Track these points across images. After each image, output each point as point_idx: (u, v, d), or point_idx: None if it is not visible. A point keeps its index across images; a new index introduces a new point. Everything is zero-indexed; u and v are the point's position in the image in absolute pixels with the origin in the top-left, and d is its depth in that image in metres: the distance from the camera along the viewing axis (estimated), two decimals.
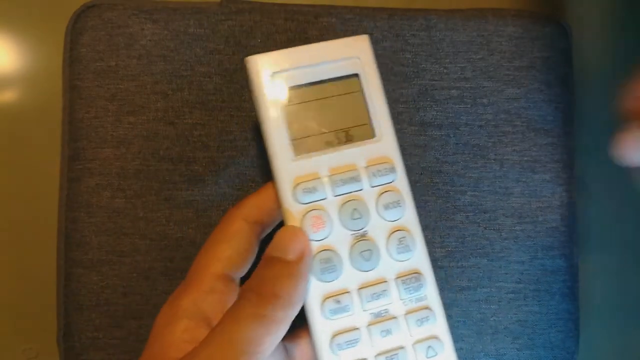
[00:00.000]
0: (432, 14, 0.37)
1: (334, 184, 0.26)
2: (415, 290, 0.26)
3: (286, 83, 0.26)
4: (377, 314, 0.26)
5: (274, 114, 0.26)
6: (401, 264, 0.26)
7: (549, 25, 0.38)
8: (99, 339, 0.34)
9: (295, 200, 0.26)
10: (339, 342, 0.25)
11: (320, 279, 0.25)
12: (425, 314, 0.26)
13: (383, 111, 0.27)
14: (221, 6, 0.36)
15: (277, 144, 0.26)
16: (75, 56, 0.36)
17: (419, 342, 0.26)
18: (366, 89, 0.27)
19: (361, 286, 0.26)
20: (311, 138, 0.26)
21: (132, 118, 0.35)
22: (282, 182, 0.26)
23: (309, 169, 0.26)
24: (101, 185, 0.35)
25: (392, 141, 0.27)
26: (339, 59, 0.27)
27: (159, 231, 0.34)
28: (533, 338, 0.36)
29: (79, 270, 0.34)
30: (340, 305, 0.25)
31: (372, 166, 0.26)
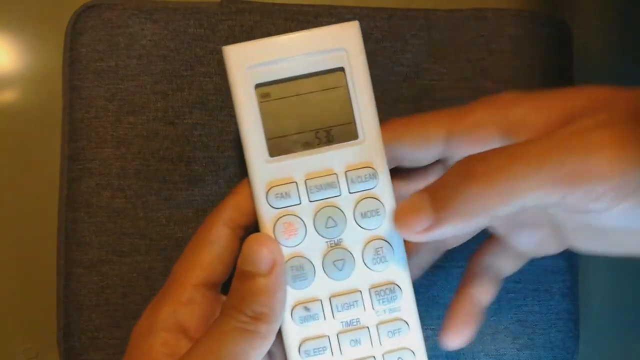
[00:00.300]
0: (432, 14, 0.37)
1: (309, 189, 0.25)
2: (389, 301, 0.25)
3: (264, 77, 0.24)
4: (348, 322, 0.25)
5: (250, 111, 0.24)
6: (376, 274, 0.25)
7: (549, 25, 0.38)
8: (99, 339, 0.34)
9: (268, 204, 0.25)
10: (307, 348, 0.25)
11: (291, 286, 0.25)
12: (398, 325, 0.26)
13: (369, 110, 0.25)
14: (221, 6, 0.36)
15: (252, 143, 0.25)
16: (75, 56, 0.36)
17: (389, 353, 0.26)
18: (352, 84, 0.25)
19: (333, 295, 0.25)
20: (288, 138, 0.25)
21: (132, 118, 0.35)
22: (255, 184, 0.25)
23: (284, 173, 0.25)
24: (101, 185, 0.35)
25: (376, 143, 0.25)
26: (323, 50, 0.25)
27: (159, 231, 0.34)
28: (533, 338, 0.36)
29: (79, 270, 0.34)
30: (310, 313, 0.25)
31: (351, 171, 0.25)
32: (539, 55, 0.38)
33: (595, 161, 0.19)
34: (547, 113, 0.22)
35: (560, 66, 0.38)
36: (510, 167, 0.20)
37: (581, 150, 0.19)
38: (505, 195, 0.20)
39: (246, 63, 0.24)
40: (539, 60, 0.38)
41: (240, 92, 0.24)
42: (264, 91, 0.25)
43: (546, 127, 0.22)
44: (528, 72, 0.37)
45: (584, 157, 0.19)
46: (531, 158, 0.20)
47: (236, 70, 0.24)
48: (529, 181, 0.19)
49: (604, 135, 0.19)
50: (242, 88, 0.24)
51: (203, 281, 0.26)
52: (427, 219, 0.22)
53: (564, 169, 0.19)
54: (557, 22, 0.39)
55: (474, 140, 0.24)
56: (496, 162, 0.20)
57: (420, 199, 0.22)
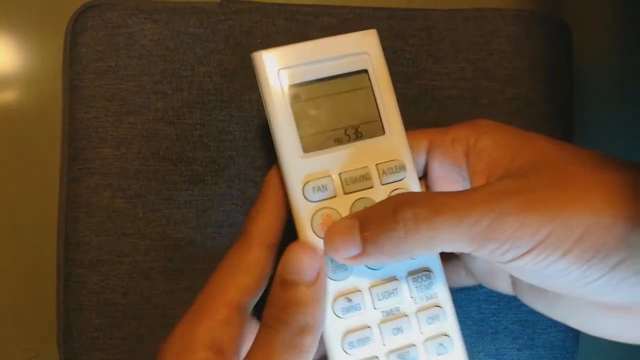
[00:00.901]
0: (432, 14, 0.37)
1: (344, 182, 0.26)
2: (426, 288, 0.26)
3: (294, 79, 0.26)
4: (389, 312, 0.26)
5: (282, 112, 0.26)
6: (411, 262, 0.26)
7: (549, 25, 0.38)
8: (98, 339, 0.34)
9: (304, 198, 0.25)
10: (351, 340, 0.25)
11: (331, 277, 0.25)
12: (436, 311, 0.26)
13: (392, 107, 0.27)
14: (221, 6, 0.36)
15: (286, 141, 0.26)
16: (75, 56, 0.36)
17: (430, 340, 0.26)
18: (375, 84, 0.27)
19: (372, 285, 0.26)
20: (320, 135, 0.26)
21: (132, 118, 0.35)
22: (291, 180, 0.26)
23: (319, 167, 0.26)
24: (101, 185, 0.34)
25: (402, 138, 0.27)
26: (347, 54, 0.27)
27: (158, 231, 0.34)
28: (533, 338, 0.36)
29: (78, 271, 0.34)
30: (352, 304, 0.25)
31: (382, 164, 0.26)
32: (539, 55, 0.38)
33: (503, 225, 0.21)
34: (499, 155, 0.25)
35: (560, 66, 0.38)
36: (434, 219, 0.22)
37: (496, 212, 0.21)
38: (425, 244, 0.22)
39: (276, 67, 0.26)
40: (539, 60, 0.38)
41: (272, 94, 0.26)
42: (295, 92, 0.26)
43: (491, 168, 0.25)
44: (528, 72, 0.37)
45: (496, 220, 0.21)
46: (453, 212, 0.22)
47: (267, 74, 0.26)
48: (447, 234, 0.22)
49: (517, 201, 0.22)
50: (274, 90, 0.26)
51: (238, 302, 0.26)
52: (355, 249, 0.24)
53: (479, 227, 0.22)
54: (557, 22, 0.39)
55: (444, 153, 0.27)
56: (422, 210, 0.22)
57: (350, 226, 0.24)
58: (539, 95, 0.37)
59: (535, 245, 0.21)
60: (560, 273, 0.22)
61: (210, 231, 0.35)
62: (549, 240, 0.21)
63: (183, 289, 0.34)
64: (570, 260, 0.21)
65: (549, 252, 0.21)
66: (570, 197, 0.22)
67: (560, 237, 0.21)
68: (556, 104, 0.38)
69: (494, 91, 0.37)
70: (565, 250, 0.21)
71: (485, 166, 0.25)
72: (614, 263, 0.21)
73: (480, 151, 0.25)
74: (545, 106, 0.37)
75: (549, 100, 0.37)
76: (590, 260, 0.21)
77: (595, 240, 0.21)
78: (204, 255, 0.35)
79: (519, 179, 0.23)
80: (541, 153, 0.24)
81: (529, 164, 0.24)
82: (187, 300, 0.34)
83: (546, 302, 0.26)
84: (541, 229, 0.21)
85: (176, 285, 0.34)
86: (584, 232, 0.21)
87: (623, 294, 0.22)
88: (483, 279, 0.29)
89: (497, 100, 0.37)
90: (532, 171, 0.23)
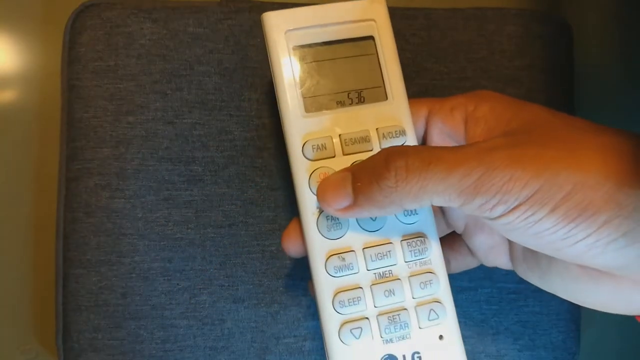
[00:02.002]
0: (433, 13, 0.37)
1: (344, 143, 0.26)
2: (420, 253, 0.26)
3: (300, 41, 0.26)
4: (381, 274, 0.26)
5: (287, 71, 0.26)
6: (407, 227, 0.26)
7: (549, 24, 0.38)
8: (97, 340, 0.34)
9: (303, 156, 0.26)
10: (342, 299, 0.25)
11: (326, 236, 0.26)
12: (429, 277, 0.26)
13: (397, 75, 0.27)
14: (220, 5, 0.36)
15: (289, 100, 0.26)
16: (74, 56, 0.36)
17: (422, 305, 0.26)
18: (381, 52, 0.27)
19: (366, 245, 0.26)
20: (323, 97, 0.27)
21: (131, 118, 0.35)
22: (291, 138, 0.26)
23: (320, 127, 0.26)
24: (100, 185, 0.34)
25: (404, 104, 0.27)
26: (354, 20, 0.27)
27: (158, 231, 0.34)
28: (534, 339, 0.36)
29: (77, 271, 0.34)
30: (345, 263, 0.25)
31: (383, 128, 0.26)
32: (540, 54, 0.37)
33: (492, 178, 0.22)
34: (496, 121, 0.25)
35: (560, 65, 0.38)
36: (424, 170, 0.22)
37: (486, 165, 0.22)
38: (415, 195, 0.23)
39: (285, 27, 0.26)
40: (540, 60, 0.37)
41: (279, 54, 0.26)
42: (301, 53, 0.27)
43: (488, 133, 0.25)
44: (528, 71, 0.37)
45: (486, 173, 0.22)
46: (443, 165, 0.22)
47: (275, 34, 0.26)
48: (436, 186, 0.22)
49: (508, 155, 0.22)
50: (281, 50, 0.26)
51: None
52: (346, 200, 0.24)
53: (468, 180, 0.22)
54: (557, 22, 0.39)
55: (443, 119, 0.27)
56: (414, 161, 0.23)
57: (342, 178, 0.25)
58: (539, 94, 0.37)
59: (523, 200, 0.21)
60: (547, 231, 0.22)
61: (209, 231, 0.35)
62: (537, 195, 0.21)
63: (182, 289, 0.34)
64: (558, 217, 0.21)
65: (537, 207, 0.21)
66: (560, 155, 0.22)
67: (548, 193, 0.21)
68: (556, 104, 0.38)
69: (494, 90, 0.37)
70: (553, 206, 0.21)
71: (482, 132, 0.26)
72: (601, 222, 0.21)
73: (478, 118, 0.26)
74: (545, 106, 0.37)
75: (549, 99, 0.37)
76: (577, 218, 0.21)
77: (582, 198, 0.21)
78: (203, 255, 0.34)
79: (511, 137, 0.23)
80: (536, 116, 0.25)
81: (523, 125, 0.24)
82: (186, 301, 0.34)
83: (540, 273, 0.26)
84: (530, 183, 0.21)
85: (175, 285, 0.34)
86: (571, 190, 0.21)
87: (611, 256, 0.22)
88: (483, 255, 0.29)
89: None
90: (525, 131, 0.24)
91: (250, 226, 0.35)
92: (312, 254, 0.26)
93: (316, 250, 0.26)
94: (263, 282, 0.35)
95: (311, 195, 0.26)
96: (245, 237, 0.35)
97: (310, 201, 0.26)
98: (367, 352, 0.25)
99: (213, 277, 0.34)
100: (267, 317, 0.34)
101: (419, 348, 0.26)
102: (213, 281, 0.34)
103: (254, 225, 0.35)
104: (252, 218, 0.35)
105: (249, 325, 0.34)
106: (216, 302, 0.34)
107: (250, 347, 0.34)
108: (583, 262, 0.23)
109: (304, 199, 0.26)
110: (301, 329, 0.35)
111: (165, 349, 0.34)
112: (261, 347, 0.34)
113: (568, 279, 0.25)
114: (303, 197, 0.26)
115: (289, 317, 0.35)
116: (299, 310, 0.35)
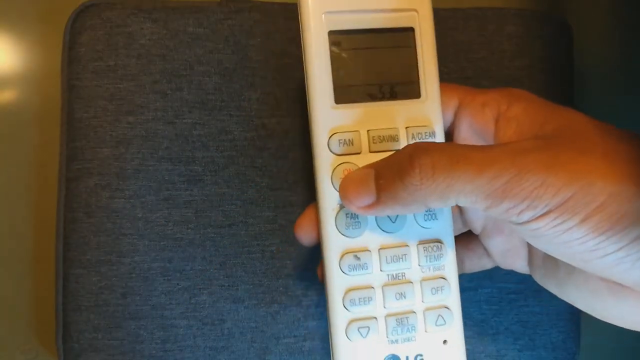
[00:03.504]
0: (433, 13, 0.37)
1: (371, 139, 0.25)
2: (435, 259, 0.26)
3: (337, 25, 0.25)
4: (394, 276, 0.26)
5: (320, 57, 0.25)
6: (425, 231, 0.26)
7: (550, 24, 0.38)
8: (97, 340, 0.34)
9: (329, 150, 0.25)
10: (353, 298, 0.25)
11: (343, 233, 0.25)
12: (441, 283, 0.26)
13: (433, 71, 0.26)
14: (221, 5, 0.36)
15: (319, 89, 0.25)
16: (74, 56, 0.36)
17: (430, 310, 0.26)
18: (420, 45, 0.26)
19: (382, 246, 0.26)
20: (355, 88, 0.26)
21: (131, 118, 0.35)
22: (318, 129, 0.25)
23: (348, 120, 0.25)
24: (100, 185, 0.34)
25: (437, 104, 0.26)
26: (396, 8, 0.26)
27: (158, 231, 0.34)
28: (534, 339, 0.36)
29: (77, 271, 0.34)
30: (359, 262, 0.25)
31: (412, 127, 0.26)
32: (540, 54, 0.37)
33: (523, 182, 0.21)
34: (529, 123, 0.24)
35: (560, 65, 0.38)
36: (452, 169, 0.21)
37: (517, 168, 0.21)
38: (441, 194, 0.22)
39: (323, 9, 0.25)
40: (540, 60, 0.37)
41: (313, 37, 0.25)
42: (336, 39, 0.25)
43: (520, 135, 0.24)
44: (529, 71, 0.37)
45: (517, 176, 0.21)
46: (472, 165, 0.21)
47: (312, 15, 0.25)
48: (464, 186, 0.21)
49: (541, 159, 0.21)
50: (316, 33, 0.25)
51: None
52: (369, 197, 0.24)
53: (498, 182, 0.21)
54: (557, 22, 0.39)
55: (473, 115, 0.26)
56: (440, 159, 0.22)
57: (366, 174, 0.24)
58: (539, 94, 0.37)
59: (554, 207, 0.20)
60: (576, 241, 0.21)
61: (209, 231, 0.35)
62: (569, 203, 0.20)
63: (182, 289, 0.34)
64: (588, 228, 0.20)
65: (568, 216, 0.20)
66: (596, 164, 0.21)
67: (580, 202, 0.20)
68: (556, 104, 0.38)
69: None
70: (584, 216, 0.20)
71: (513, 133, 0.25)
72: (633, 236, 0.20)
73: (510, 118, 0.25)
74: None
75: (549, 99, 0.37)
76: (608, 230, 0.20)
77: (615, 210, 0.20)
78: (203, 255, 0.34)
79: (544, 140, 0.23)
80: (571, 121, 0.24)
81: (557, 129, 0.23)
82: (186, 301, 0.34)
83: (557, 281, 0.25)
84: (562, 190, 0.20)
85: (175, 285, 0.34)
86: (605, 200, 0.20)
87: (639, 273, 0.21)
88: (500, 257, 0.28)
89: None
90: (559, 135, 0.23)
91: (250, 226, 0.35)
92: (327, 250, 0.25)
93: (332, 246, 0.25)
94: (263, 282, 0.35)
95: (332, 191, 0.25)
96: (245, 237, 0.35)
97: (330, 196, 0.25)
98: (371, 350, 0.25)
99: (213, 277, 0.34)
100: (267, 317, 0.34)
101: (422, 350, 0.26)
102: (213, 281, 0.34)
103: (254, 225, 0.35)
104: (252, 218, 0.35)
105: (249, 325, 0.34)
106: (216, 302, 0.34)
107: (250, 347, 0.34)
108: (609, 277, 0.22)
109: (325, 194, 0.25)
110: (301, 329, 0.35)
111: (165, 349, 0.34)
112: (261, 347, 0.34)
113: (586, 292, 0.24)
114: (324, 192, 0.25)
115: (289, 317, 0.35)
116: (299, 310, 0.35)
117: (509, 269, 0.29)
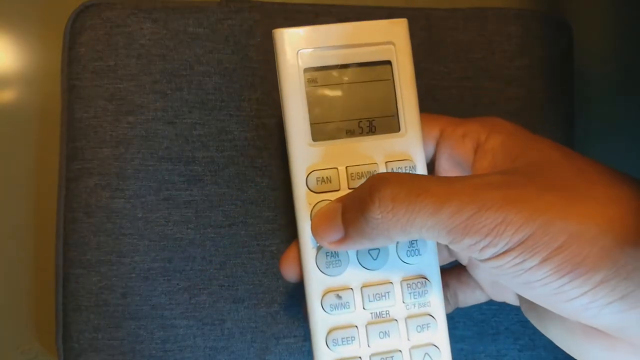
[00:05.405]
0: (433, 13, 0.37)
1: (350, 177, 0.25)
2: (420, 295, 0.25)
3: (312, 62, 0.25)
4: (378, 314, 0.25)
5: (296, 95, 0.25)
6: (408, 267, 0.26)
7: (550, 25, 0.38)
8: (97, 340, 0.34)
9: (307, 187, 0.25)
10: (335, 337, 0.25)
11: (324, 272, 0.25)
12: (427, 320, 0.25)
13: (412, 104, 0.26)
14: (220, 5, 0.36)
15: (296, 126, 0.25)
16: (74, 56, 0.36)
17: (417, 348, 0.25)
18: (398, 78, 0.26)
19: (365, 284, 0.25)
20: (332, 124, 0.25)
21: (131, 118, 0.35)
22: (296, 167, 0.25)
23: (326, 158, 0.25)
24: (100, 185, 0.34)
25: (417, 138, 0.26)
26: (372, 42, 0.25)
27: (158, 231, 0.34)
28: (534, 339, 0.36)
29: (77, 271, 0.34)
30: (341, 301, 0.25)
31: (392, 162, 0.25)
32: (540, 54, 0.37)
33: (484, 219, 0.20)
34: (503, 156, 0.24)
35: (560, 65, 0.38)
36: (411, 202, 0.21)
37: (478, 204, 0.20)
38: (403, 228, 0.21)
39: (297, 47, 0.25)
40: (540, 60, 0.37)
41: (288, 75, 0.25)
42: (312, 76, 0.25)
43: (492, 168, 0.24)
44: (529, 71, 0.37)
45: (478, 212, 0.20)
46: (432, 198, 0.21)
47: (286, 53, 0.25)
48: (425, 221, 0.21)
49: (502, 195, 0.20)
50: (291, 71, 0.25)
51: None
52: (337, 233, 0.23)
53: (459, 218, 0.20)
54: (557, 22, 0.39)
55: (453, 146, 0.26)
56: (400, 191, 0.21)
57: (334, 209, 0.24)
58: (540, 94, 0.37)
59: (514, 245, 0.20)
60: (538, 282, 0.20)
61: (209, 231, 0.35)
62: (528, 242, 0.20)
63: (182, 289, 0.34)
64: (549, 269, 0.20)
65: (527, 255, 0.20)
66: (559, 202, 0.20)
67: (540, 242, 0.20)
68: (556, 104, 0.38)
69: (494, 91, 0.37)
70: (545, 257, 0.20)
71: (488, 166, 0.24)
72: (596, 281, 0.19)
73: (487, 151, 0.25)
74: (545, 106, 0.37)
75: (549, 100, 0.37)
76: (570, 273, 0.20)
77: (577, 251, 0.19)
78: (203, 255, 0.34)
79: (510, 175, 0.22)
80: (544, 157, 0.23)
81: (528, 165, 0.23)
82: (186, 301, 0.34)
83: (538, 315, 0.25)
84: (522, 228, 0.20)
85: (175, 285, 0.34)
86: (565, 241, 0.19)
87: (608, 319, 0.20)
88: (490, 290, 0.28)
89: (498, 100, 0.37)
90: (528, 172, 0.22)
91: (250, 226, 0.35)
92: (308, 288, 0.25)
93: (313, 285, 0.25)
94: (263, 282, 0.35)
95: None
96: (245, 237, 0.35)
97: (309, 235, 0.25)
98: None
99: (213, 277, 0.34)
100: (267, 317, 0.34)
101: None
102: (213, 281, 0.34)
103: (254, 225, 0.35)
104: (252, 218, 0.35)
105: (249, 325, 0.34)
106: (216, 302, 0.34)
107: (250, 347, 0.34)
108: (578, 320, 0.21)
109: (304, 232, 0.25)
110: (301, 329, 0.35)
111: (165, 349, 0.34)
112: (261, 347, 0.34)
113: (562, 329, 0.23)
114: (303, 230, 0.25)
115: (289, 317, 0.35)
116: (299, 310, 0.35)
117: (501, 301, 0.28)
